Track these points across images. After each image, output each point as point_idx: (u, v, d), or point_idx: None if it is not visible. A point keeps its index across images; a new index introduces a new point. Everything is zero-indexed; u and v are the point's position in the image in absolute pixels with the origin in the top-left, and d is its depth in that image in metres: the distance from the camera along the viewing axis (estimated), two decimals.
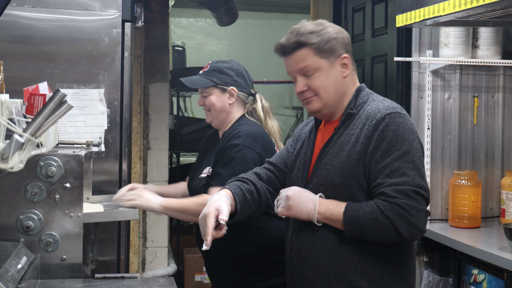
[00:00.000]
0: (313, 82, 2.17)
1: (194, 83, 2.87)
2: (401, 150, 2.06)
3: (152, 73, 4.69)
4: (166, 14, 4.74)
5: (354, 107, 2.20)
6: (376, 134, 2.09)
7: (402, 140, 2.08)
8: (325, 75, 2.17)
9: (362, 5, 4.54)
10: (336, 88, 2.19)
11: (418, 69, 3.89)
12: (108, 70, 3.23)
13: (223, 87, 2.83)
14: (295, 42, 2.17)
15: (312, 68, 2.16)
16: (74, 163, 2.43)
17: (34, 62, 3.17)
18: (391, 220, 2.01)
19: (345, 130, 2.18)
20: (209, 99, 2.85)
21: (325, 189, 2.15)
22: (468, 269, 3.36)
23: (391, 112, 2.12)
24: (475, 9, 2.53)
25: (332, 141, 2.19)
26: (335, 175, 2.13)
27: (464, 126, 3.95)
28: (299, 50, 2.17)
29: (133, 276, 2.40)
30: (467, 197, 3.67)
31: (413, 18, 2.98)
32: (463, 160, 3.94)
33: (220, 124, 2.91)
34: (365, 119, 2.14)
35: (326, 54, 2.17)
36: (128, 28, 3.28)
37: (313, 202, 2.12)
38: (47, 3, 3.17)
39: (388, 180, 2.04)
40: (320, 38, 2.16)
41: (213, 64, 2.90)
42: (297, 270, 2.21)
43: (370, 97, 2.23)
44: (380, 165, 2.07)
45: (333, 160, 2.15)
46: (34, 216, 2.37)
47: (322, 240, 2.15)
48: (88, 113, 3.25)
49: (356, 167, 2.10)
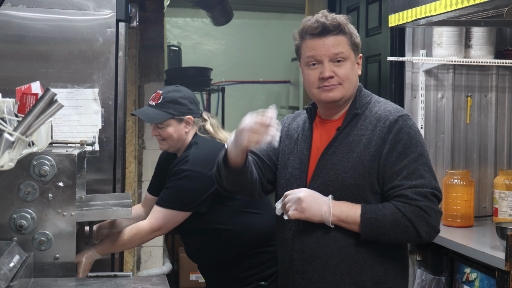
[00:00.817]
0: (341, 71, 2.16)
1: (151, 118, 2.85)
2: (416, 152, 2.09)
3: (147, 72, 4.70)
4: (161, 14, 4.75)
5: (359, 107, 2.20)
6: (391, 136, 2.10)
7: (416, 143, 2.11)
8: (352, 66, 2.19)
9: (356, 4, 4.55)
10: (355, 82, 2.21)
11: (412, 68, 3.90)
12: (102, 70, 3.23)
13: (180, 117, 2.85)
14: (337, 26, 2.14)
15: (344, 55, 2.16)
16: (67, 162, 2.43)
17: (28, 62, 3.18)
18: (412, 222, 2.04)
19: (352, 130, 2.16)
20: (166, 131, 2.86)
21: (335, 190, 2.13)
22: (460, 268, 3.37)
23: (402, 114, 2.15)
24: (466, 9, 2.54)
25: (337, 140, 2.17)
26: (347, 176, 2.11)
27: (457, 125, 3.96)
28: (337, 35, 2.15)
29: (125, 275, 2.41)
30: (460, 196, 3.68)
31: (405, 18, 3.00)
32: (456, 159, 3.96)
33: (176, 150, 2.95)
34: (375, 120, 2.14)
35: (355, 48, 2.19)
36: (122, 28, 3.28)
37: (326, 204, 2.10)
38: (42, 3, 3.18)
39: (407, 182, 2.06)
40: (352, 31, 2.19)
41: (165, 95, 2.87)
42: (300, 270, 2.19)
43: (372, 97, 2.25)
44: (397, 167, 2.08)
45: (343, 161, 2.13)
46: (27, 215, 2.37)
47: (329, 241, 2.14)
48: (82, 112, 3.26)
49: (370, 169, 2.10)
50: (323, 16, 2.16)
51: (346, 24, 2.17)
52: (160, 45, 4.74)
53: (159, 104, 2.86)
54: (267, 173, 2.32)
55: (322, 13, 2.20)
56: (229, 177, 2.20)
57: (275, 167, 2.32)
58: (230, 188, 2.25)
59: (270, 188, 2.36)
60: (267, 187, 2.34)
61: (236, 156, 2.11)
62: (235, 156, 2.11)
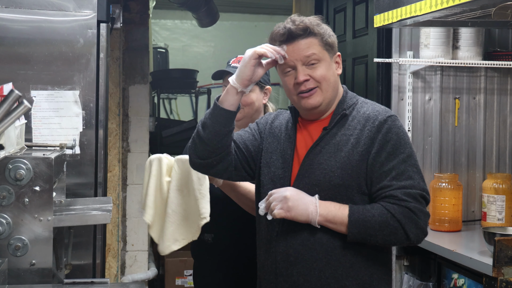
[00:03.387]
0: (316, 72, 2.13)
1: None
2: (405, 153, 2.08)
3: (131, 74, 4.64)
4: (146, 15, 4.69)
5: (347, 108, 2.18)
6: (380, 136, 2.08)
7: (404, 144, 2.10)
8: (327, 67, 2.16)
9: (343, 6, 4.51)
10: (334, 83, 2.18)
11: (399, 70, 3.87)
12: (83, 72, 3.18)
13: (263, 85, 2.75)
14: (304, 29, 2.13)
15: (317, 57, 2.13)
16: (44, 166, 2.37)
17: (7, 64, 3.12)
18: (401, 223, 2.02)
19: (339, 130, 2.14)
20: (250, 97, 2.70)
21: (321, 189, 2.10)
22: (448, 273, 3.33)
23: (391, 114, 2.14)
24: (451, 9, 2.50)
25: (323, 140, 2.15)
26: (334, 176, 2.09)
27: (445, 128, 3.93)
28: (307, 38, 2.13)
29: (103, 282, 2.35)
30: (448, 200, 3.64)
31: (390, 18, 2.96)
32: (444, 162, 3.92)
33: (247, 123, 2.69)
34: (364, 120, 2.13)
35: (329, 47, 2.16)
36: (103, 29, 3.23)
37: (313, 204, 2.07)
38: (21, 3, 3.12)
39: (396, 183, 2.05)
40: (323, 31, 2.16)
41: None
42: (283, 273, 2.15)
43: (358, 99, 2.24)
44: (385, 167, 2.06)
45: (330, 160, 2.11)
46: (2, 220, 2.31)
47: (315, 244, 2.10)
48: (63, 115, 3.21)
49: (358, 169, 2.08)
50: (290, 22, 2.15)
51: (317, 25, 2.15)
52: (145, 46, 4.69)
53: None
54: (242, 161, 2.28)
55: (290, 18, 2.17)
56: (215, 127, 2.15)
57: (250, 157, 2.29)
58: (209, 143, 2.17)
59: (244, 174, 2.31)
60: (241, 172, 2.29)
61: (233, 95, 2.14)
62: (232, 96, 2.14)
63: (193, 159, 2.25)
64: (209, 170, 2.27)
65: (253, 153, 2.29)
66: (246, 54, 2.13)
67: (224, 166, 2.22)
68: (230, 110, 2.14)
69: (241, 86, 2.14)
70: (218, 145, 2.17)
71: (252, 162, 2.29)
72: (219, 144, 2.16)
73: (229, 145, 2.20)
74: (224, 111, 2.13)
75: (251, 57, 2.11)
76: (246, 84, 2.14)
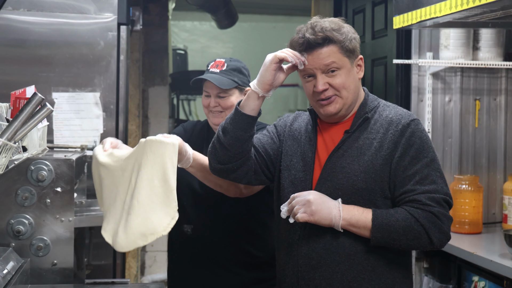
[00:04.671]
0: (336, 81, 2.10)
1: (222, 83, 2.62)
2: (428, 157, 2.06)
3: (151, 76, 4.67)
4: (166, 17, 4.72)
5: (369, 111, 2.16)
6: (403, 139, 2.06)
7: (427, 148, 2.08)
8: (347, 74, 2.11)
9: (362, 7, 4.50)
10: (355, 89, 2.14)
11: (418, 71, 3.84)
12: (103, 74, 3.21)
13: (242, 87, 2.67)
14: (323, 38, 2.08)
15: (337, 65, 2.09)
16: (65, 167, 2.40)
17: (29, 66, 3.17)
18: (425, 228, 2.01)
19: (362, 133, 2.12)
20: (230, 100, 2.63)
21: (344, 193, 2.08)
22: (468, 276, 3.30)
23: (414, 118, 2.12)
24: (472, 10, 2.48)
25: (345, 143, 2.13)
26: (358, 180, 2.07)
27: (465, 129, 3.90)
28: (326, 46, 2.09)
29: (123, 282, 2.37)
30: (468, 202, 3.61)
31: (410, 19, 2.94)
32: (464, 164, 3.89)
33: None
34: (387, 124, 2.11)
35: (349, 53, 2.12)
36: (123, 31, 3.26)
37: (336, 208, 2.05)
38: (42, 6, 3.16)
39: (420, 187, 2.03)
40: (344, 36, 2.11)
41: (229, 62, 2.69)
42: (305, 277, 2.14)
43: (379, 102, 2.22)
44: (409, 172, 2.04)
45: (353, 164, 2.09)
46: (24, 221, 2.34)
47: (338, 247, 2.09)
48: (83, 117, 3.24)
49: (381, 173, 2.06)
50: (309, 29, 2.12)
51: (338, 30, 2.11)
52: (164, 48, 4.71)
53: (224, 71, 2.65)
54: (262, 165, 2.27)
55: (310, 24, 2.14)
56: (236, 132, 2.14)
57: (270, 160, 2.27)
58: (230, 148, 2.16)
59: (263, 178, 2.29)
60: (260, 176, 2.27)
61: (254, 100, 2.13)
62: (253, 101, 2.14)
63: (213, 164, 2.24)
64: (229, 175, 2.25)
65: (272, 156, 2.27)
66: (267, 58, 2.12)
67: (244, 170, 2.22)
68: (251, 115, 2.14)
69: (263, 91, 2.13)
70: (239, 150, 2.16)
71: (271, 165, 2.28)
72: (240, 149, 2.16)
73: (249, 150, 2.19)
74: (245, 116, 2.13)
75: (272, 61, 2.11)
76: (268, 88, 2.13)
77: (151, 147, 2.14)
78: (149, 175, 2.12)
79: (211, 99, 2.66)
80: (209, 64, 2.73)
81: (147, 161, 2.13)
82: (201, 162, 2.39)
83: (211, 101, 2.67)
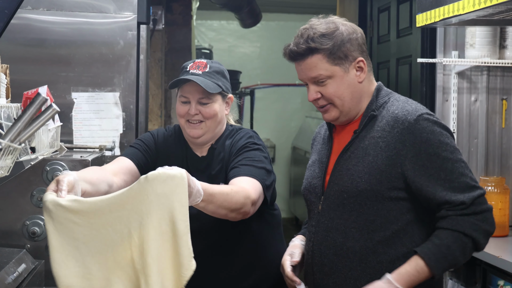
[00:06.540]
0: (327, 90, 2.00)
1: (208, 87, 2.24)
2: (448, 150, 1.94)
3: (174, 76, 4.65)
4: (189, 17, 4.71)
5: (376, 108, 2.05)
6: (413, 138, 1.94)
7: (444, 140, 1.95)
8: (339, 82, 2.00)
9: (387, 5, 4.43)
10: (352, 94, 2.02)
11: (443, 70, 3.77)
12: (123, 73, 3.20)
13: (225, 94, 2.34)
14: (306, 49, 1.98)
15: (324, 76, 1.99)
16: (81, 168, 2.39)
17: (49, 66, 3.17)
18: (473, 237, 1.92)
19: (368, 133, 2.03)
20: (213, 108, 2.27)
21: (349, 196, 2.00)
22: (493, 280, 3.23)
23: (422, 113, 1.98)
24: (495, 7, 2.41)
25: (353, 145, 2.04)
26: (361, 182, 1.98)
27: (491, 130, 3.81)
28: (310, 57, 1.98)
29: None
30: (494, 204, 3.50)
31: (433, 17, 2.87)
32: (491, 165, 3.81)
33: (210, 139, 2.34)
34: (393, 121, 1.99)
35: (340, 60, 1.99)
36: (143, 31, 3.25)
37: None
38: (62, 6, 3.16)
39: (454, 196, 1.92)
40: (333, 42, 1.98)
41: (211, 64, 2.32)
42: (321, 284, 2.07)
43: (391, 96, 2.09)
44: (431, 170, 1.93)
45: (358, 166, 2.00)
46: (40, 222, 2.35)
47: (348, 252, 2.01)
48: (103, 116, 3.23)
49: (388, 173, 1.96)
50: (297, 37, 2.02)
51: (328, 35, 1.98)
52: (187, 47, 4.70)
53: (208, 74, 2.26)
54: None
55: (301, 30, 2.04)
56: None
57: None
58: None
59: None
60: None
61: None
62: None
63: None
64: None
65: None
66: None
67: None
68: None
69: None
70: None
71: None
72: None
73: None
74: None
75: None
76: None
77: (152, 186, 1.61)
78: (155, 223, 1.62)
79: (191, 105, 2.26)
80: (187, 65, 2.32)
81: (150, 205, 1.61)
82: (211, 193, 1.83)
83: (191, 108, 2.26)
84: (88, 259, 1.65)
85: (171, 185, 1.61)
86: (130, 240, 1.63)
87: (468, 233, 1.90)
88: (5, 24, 1.73)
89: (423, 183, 1.94)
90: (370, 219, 1.98)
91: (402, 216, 1.98)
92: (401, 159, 1.95)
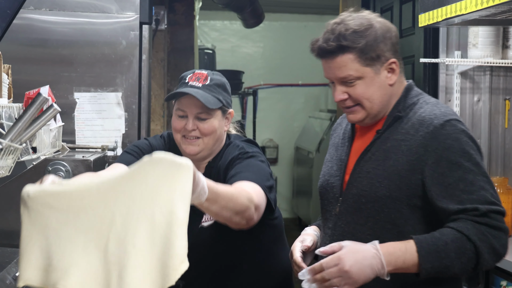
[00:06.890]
0: (355, 91, 1.89)
1: (208, 101, 2.12)
2: (471, 161, 1.80)
3: (176, 76, 4.66)
4: (192, 17, 4.70)
5: (403, 109, 1.93)
6: (436, 143, 1.82)
7: (469, 150, 1.82)
8: (369, 83, 1.88)
9: (390, 5, 4.43)
10: (381, 97, 1.91)
11: (446, 70, 3.76)
12: (125, 74, 3.20)
13: (225, 109, 2.21)
14: (336, 46, 1.85)
15: (354, 77, 1.87)
16: (83, 168, 2.40)
17: (51, 66, 3.17)
18: (476, 246, 1.74)
19: (391, 134, 1.91)
20: (212, 124, 2.15)
21: (367, 201, 1.89)
22: (496, 280, 3.22)
23: (450, 118, 1.85)
24: (498, 7, 2.41)
25: (374, 146, 1.93)
26: (380, 187, 1.86)
27: (494, 130, 3.80)
28: (340, 56, 1.86)
29: None
30: None
31: (435, 17, 2.87)
32: (494, 165, 3.80)
33: (207, 156, 2.23)
34: (418, 124, 1.87)
35: (371, 61, 1.87)
36: (146, 31, 3.25)
37: (377, 258, 1.75)
38: (64, 6, 3.16)
39: (468, 196, 1.78)
40: (366, 41, 1.85)
41: (212, 76, 2.20)
42: None
43: (420, 98, 1.96)
44: (450, 179, 1.79)
45: (378, 169, 1.89)
46: None
47: None
48: (105, 117, 3.23)
49: (408, 180, 1.84)
50: (327, 33, 1.89)
51: (361, 32, 1.85)
52: (190, 48, 4.70)
53: (208, 87, 2.14)
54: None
55: (332, 25, 1.89)
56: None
57: None
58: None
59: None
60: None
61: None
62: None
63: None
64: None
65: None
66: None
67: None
68: None
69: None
70: None
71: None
72: None
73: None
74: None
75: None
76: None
77: (154, 168, 1.39)
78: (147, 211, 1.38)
79: (189, 120, 2.14)
80: (186, 76, 2.20)
81: (146, 189, 1.39)
82: (216, 191, 1.63)
83: (188, 123, 2.14)
84: (53, 249, 1.43)
85: (176, 173, 1.39)
86: (111, 226, 1.39)
87: (472, 239, 1.74)
88: (7, 24, 1.74)
89: (439, 193, 1.81)
90: (386, 228, 1.88)
91: (418, 226, 1.87)
92: (421, 165, 1.83)
